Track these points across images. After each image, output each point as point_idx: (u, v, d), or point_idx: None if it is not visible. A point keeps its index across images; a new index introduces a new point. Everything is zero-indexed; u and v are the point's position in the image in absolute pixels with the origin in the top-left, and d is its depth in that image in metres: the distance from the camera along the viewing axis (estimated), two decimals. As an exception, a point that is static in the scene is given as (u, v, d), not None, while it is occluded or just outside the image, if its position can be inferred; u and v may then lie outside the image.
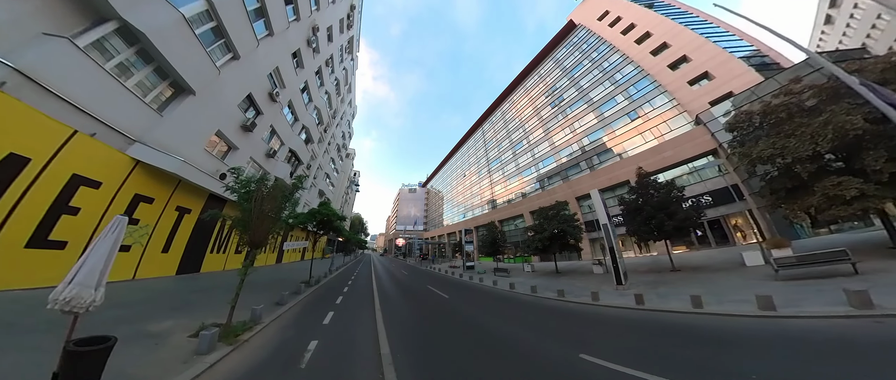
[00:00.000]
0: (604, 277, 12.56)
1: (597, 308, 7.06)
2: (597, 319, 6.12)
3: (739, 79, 16.71)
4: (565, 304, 7.88)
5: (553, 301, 8.46)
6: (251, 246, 5.41)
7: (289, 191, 6.04)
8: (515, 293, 10.60)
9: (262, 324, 5.53)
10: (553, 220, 16.93)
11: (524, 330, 5.50)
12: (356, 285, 11.78)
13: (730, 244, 16.56)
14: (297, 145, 17.61)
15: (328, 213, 10.90)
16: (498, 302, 8.84)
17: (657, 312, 6.06)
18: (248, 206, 5.39)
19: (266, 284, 10.30)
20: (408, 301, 8.90)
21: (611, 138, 24.78)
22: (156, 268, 8.64)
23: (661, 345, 4.21)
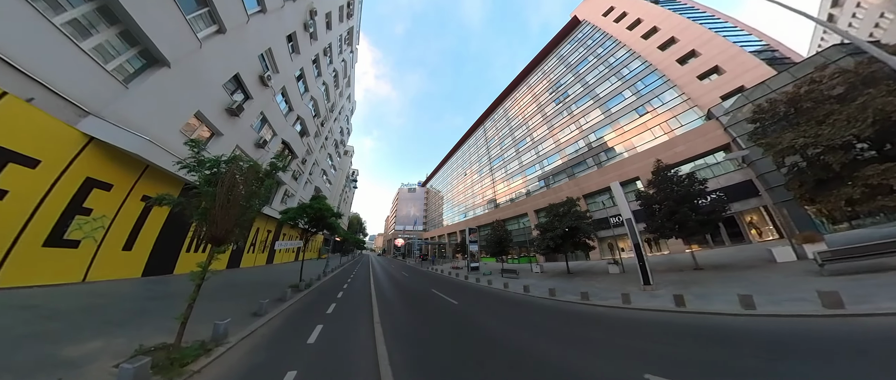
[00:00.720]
0: (622, 278, 11.59)
1: (632, 313, 6.23)
2: (638, 325, 5.25)
3: (751, 73, 16.17)
4: (594, 308, 6.99)
5: (578, 306, 7.49)
6: (212, 242, 4.10)
7: (263, 172, 4.70)
8: (533, 298, 9.43)
9: (227, 345, 4.20)
10: (565, 217, 15.77)
11: (563, 345, 4.40)
12: (353, 290, 10.44)
13: (745, 242, 15.80)
14: (290, 137, 16.26)
15: (320, 208, 9.55)
16: (517, 309, 7.64)
17: (702, 314, 5.35)
18: (211, 190, 4.09)
19: (248, 288, 8.91)
20: (411, 309, 7.58)
21: (619, 134, 23.86)
22: (115, 268, 7.22)
23: (736, 356, 3.45)
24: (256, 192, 4.49)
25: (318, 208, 9.51)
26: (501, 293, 10.67)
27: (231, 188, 4.24)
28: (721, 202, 10.80)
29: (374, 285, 11.60)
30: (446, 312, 7.19)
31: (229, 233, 4.16)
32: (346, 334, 5.10)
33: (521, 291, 10.59)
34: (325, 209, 9.74)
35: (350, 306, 7.57)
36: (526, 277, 15.32)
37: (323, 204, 9.68)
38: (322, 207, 9.59)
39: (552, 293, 9.29)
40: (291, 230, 19.33)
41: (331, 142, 26.35)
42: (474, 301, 8.92)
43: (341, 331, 5.23)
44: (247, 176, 4.51)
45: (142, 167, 7.60)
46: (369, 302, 8.03)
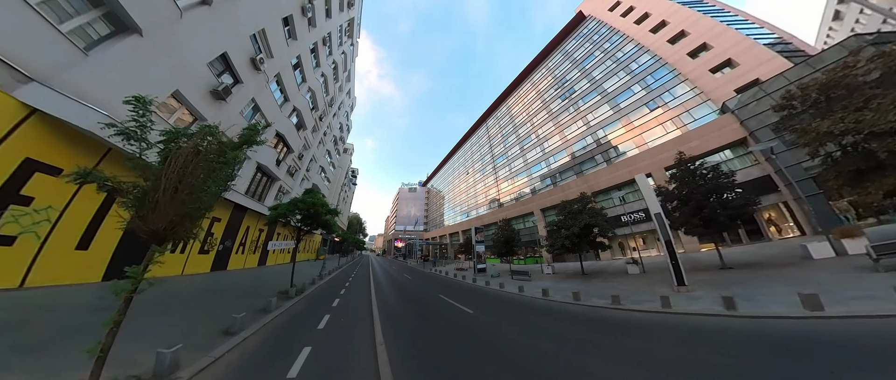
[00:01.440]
0: (646, 278, 10.69)
1: (677, 318, 5.49)
2: (694, 334, 4.56)
3: (766, 65, 15.57)
4: (631, 314, 6.16)
5: (612, 311, 6.61)
6: (149, 238, 2.88)
7: (231, 146, 3.46)
8: (557, 303, 8.26)
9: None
10: (580, 214, 14.63)
11: (625, 367, 3.37)
12: (351, 296, 9.13)
13: (765, 239, 14.97)
14: (285, 129, 15.05)
15: (314, 202, 8.30)
16: (544, 318, 6.47)
17: (760, 319, 4.69)
18: (156, 168, 2.87)
19: (230, 295, 7.65)
20: (421, 322, 6.30)
21: (629, 130, 22.92)
22: (65, 271, 5.96)
23: (847, 366, 2.74)
24: (218, 171, 3.22)
25: (311, 203, 8.26)
26: (519, 299, 9.49)
27: (186, 167, 3.02)
28: (751, 196, 10.03)
29: (374, 291, 10.32)
30: (463, 325, 5.94)
31: (176, 227, 2.92)
32: (341, 360, 3.88)
33: (540, 295, 9.49)
34: (320, 204, 8.50)
35: (347, 318, 6.30)
36: (539, 280, 14.13)
37: (317, 198, 8.43)
38: (316, 201, 8.33)
39: (577, 297, 8.22)
40: (286, 229, 18.07)
41: (330, 138, 25.15)
42: (492, 310, 7.71)
43: (335, 357, 3.99)
44: (208, 156, 3.29)
45: (102, 150, 6.36)
46: (370, 312, 6.78)
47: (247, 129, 4.00)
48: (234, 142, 3.82)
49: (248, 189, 13.05)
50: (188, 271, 9.48)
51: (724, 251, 14.39)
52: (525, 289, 10.80)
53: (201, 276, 9.64)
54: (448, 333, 5.30)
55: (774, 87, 12.93)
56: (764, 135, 13.93)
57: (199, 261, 10.03)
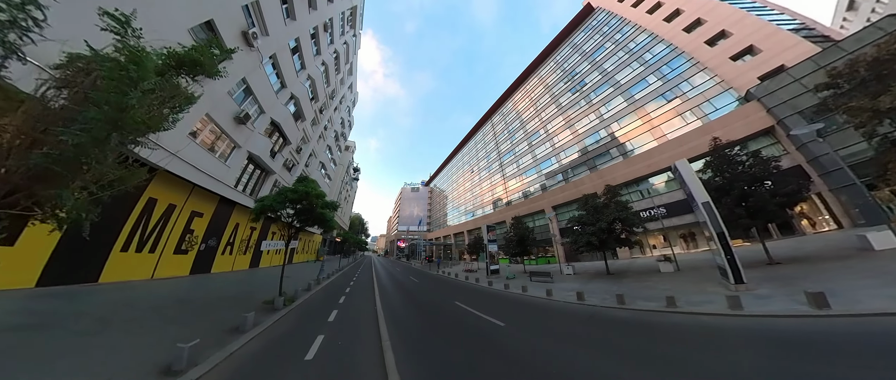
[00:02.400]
0: (685, 277, 9.56)
1: (758, 321, 4.60)
2: (789, 340, 3.68)
3: (791, 51, 14.27)
4: (697, 318, 5.16)
5: (671, 315, 5.52)
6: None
7: (152, 64, 1.92)
8: (599, 308, 6.83)
9: None
10: (606, 209, 13.05)
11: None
12: (351, 307, 7.35)
13: (798, 233, 13.71)
14: (282, 117, 13.57)
15: (306, 191, 6.73)
16: (595, 329, 5.09)
17: (866, 317, 3.86)
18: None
19: (198, 308, 6.04)
20: (444, 345, 4.68)
21: (645, 122, 21.41)
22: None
23: None
24: (122, 105, 1.68)
25: (303, 193, 6.68)
26: (550, 304, 7.89)
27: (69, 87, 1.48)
28: (802, 181, 9.00)
29: (379, 299, 8.60)
30: (501, 347, 4.38)
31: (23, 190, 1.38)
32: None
33: (573, 299, 7.99)
34: (315, 194, 6.92)
35: (347, 340, 4.65)
36: (561, 281, 12.51)
37: (311, 186, 6.85)
38: (310, 190, 6.76)
39: (621, 300, 6.79)
40: (278, 226, 16.37)
41: (330, 133, 23.70)
42: (526, 321, 6.16)
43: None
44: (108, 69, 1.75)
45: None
46: (376, 330, 5.19)
47: (195, 45, 2.43)
48: (161, 55, 2.27)
49: (239, 182, 11.53)
50: (161, 275, 7.91)
51: (757, 247, 13.01)
52: (553, 293, 9.22)
53: (176, 281, 8.07)
54: (485, 360, 3.77)
55: (803, 73, 12.13)
56: (794, 122, 12.75)
57: (175, 262, 8.45)
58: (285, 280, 7.43)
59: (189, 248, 8.92)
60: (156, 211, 7.55)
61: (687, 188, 8.25)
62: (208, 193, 9.14)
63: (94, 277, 6.30)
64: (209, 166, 8.99)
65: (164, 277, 7.94)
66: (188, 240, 8.89)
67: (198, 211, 9.17)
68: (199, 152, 8.65)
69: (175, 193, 8.13)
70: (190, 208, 8.76)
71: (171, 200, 8.06)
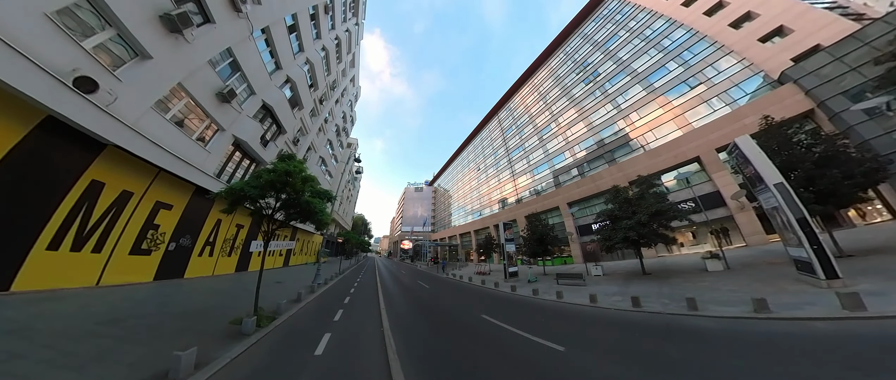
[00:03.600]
0: (740, 275, 8.31)
1: None
2: None
3: (826, 30, 13.17)
4: (810, 325, 3.96)
5: (775, 323, 4.33)
6: None
7: None
8: (667, 316, 5.35)
9: None
10: (641, 201, 11.19)
11: None
12: (349, 325, 5.38)
13: (846, 225, 12.17)
14: (275, 101, 11.88)
15: (289, 170, 4.80)
16: (696, 349, 3.71)
17: None
18: None
19: (147, 326, 4.25)
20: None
21: (667, 110, 19.63)
22: None
23: None
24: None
25: (282, 173, 4.81)
26: (606, 315, 6.08)
27: None
28: (880, 157, 7.99)
29: (386, 312, 6.54)
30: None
31: None
32: None
33: (628, 305, 6.36)
34: (300, 176, 5.08)
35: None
36: (595, 284, 10.55)
37: (295, 166, 4.98)
38: (292, 169, 4.88)
39: (693, 306, 5.38)
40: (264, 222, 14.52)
41: (331, 126, 22.04)
42: (588, 341, 4.44)
43: None
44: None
45: None
46: (386, 370, 3.32)
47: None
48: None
49: (223, 171, 9.80)
50: (112, 281, 6.11)
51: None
52: (599, 299, 7.35)
53: (132, 288, 6.28)
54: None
55: (845, 51, 11.32)
56: (838, 104, 11.53)
57: (133, 266, 6.66)
58: (274, 288, 5.65)
59: (153, 247, 7.12)
60: (103, 199, 5.78)
61: (751, 168, 7.05)
62: (180, 182, 7.36)
63: (5, 285, 4.52)
64: (182, 148, 7.27)
65: (115, 284, 6.14)
66: (152, 238, 7.09)
67: (165, 202, 7.38)
68: (168, 130, 6.94)
69: (132, 178, 6.36)
70: (153, 198, 6.98)
71: (127, 186, 6.29)
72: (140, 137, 5.97)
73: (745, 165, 7.41)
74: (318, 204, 5.41)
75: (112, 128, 5.41)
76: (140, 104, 6.14)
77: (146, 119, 6.31)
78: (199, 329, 4.21)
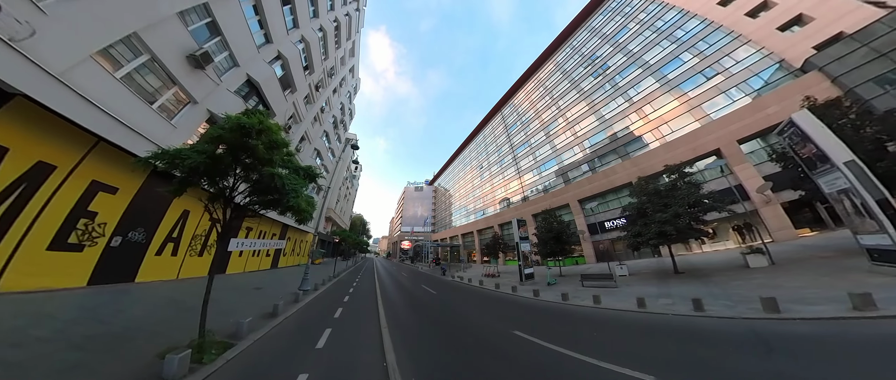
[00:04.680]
0: (794, 270, 7.39)
1: None
2: None
3: (849, 17, 12.61)
4: None
5: (888, 322, 3.38)
6: None
7: None
8: (744, 321, 4.20)
9: None
10: (674, 192, 9.87)
11: None
12: (342, 357, 3.60)
13: None
14: (263, 77, 10.26)
15: (242, 123, 3.11)
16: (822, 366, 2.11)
17: None
18: None
19: (17, 362, 2.58)
20: None
21: (683, 102, 18.60)
22: None
23: None
24: None
25: (237, 127, 3.11)
26: (669, 324, 4.66)
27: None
28: None
29: (389, 335, 4.56)
30: None
31: None
32: None
33: (690, 310, 5.19)
34: (266, 134, 3.41)
35: None
36: (627, 284, 9.03)
37: (257, 120, 3.24)
38: (252, 123, 3.14)
39: (772, 307, 4.36)
40: (259, 222, 12.68)
41: (328, 117, 20.41)
42: (682, 366, 2.96)
43: None
44: None
45: None
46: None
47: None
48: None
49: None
50: (16, 286, 4.39)
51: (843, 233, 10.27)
52: (647, 304, 5.92)
53: (43, 296, 4.55)
54: None
55: (872, 37, 11.01)
56: (868, 90, 10.96)
57: (52, 265, 4.92)
58: (249, 296, 4.19)
59: (87, 242, 5.40)
60: (3, 169, 4.13)
61: (811, 147, 6.33)
62: (119, 153, 5.60)
63: None
64: (136, 117, 5.63)
65: (20, 291, 4.42)
66: (86, 229, 5.37)
67: (106, 184, 5.66)
68: (116, 91, 5.32)
69: (55, 146, 4.68)
70: (87, 176, 5.27)
71: (45, 157, 4.63)
72: (69, 91, 4.35)
73: (803, 145, 6.64)
74: (292, 182, 3.75)
75: (23, 72, 3.81)
76: (74, 51, 4.55)
77: (83, 72, 4.70)
78: (94, 369, 2.58)
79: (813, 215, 13.39)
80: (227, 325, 4.31)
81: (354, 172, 48.89)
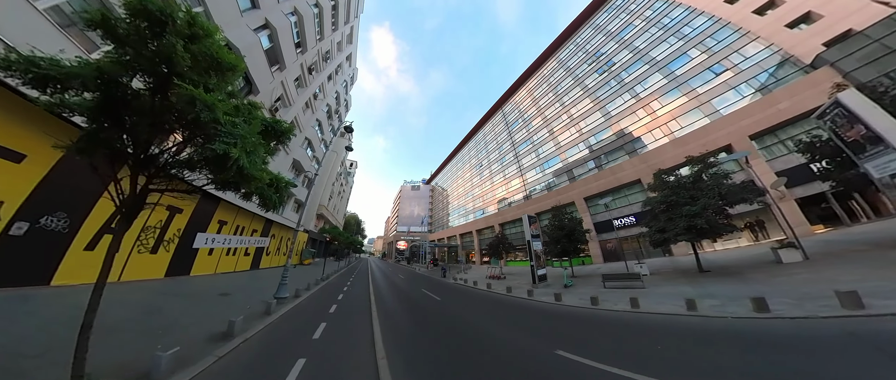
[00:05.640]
0: (835, 264, 6.97)
1: None
2: None
3: (858, 14, 12.67)
4: None
5: None
6: None
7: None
8: (832, 320, 3.22)
9: None
10: (699, 184, 9.08)
11: None
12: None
13: (891, 215, 10.79)
14: (245, 44, 8.72)
15: (152, 6, 1.66)
16: None
17: None
18: None
19: None
20: None
21: (692, 98, 18.22)
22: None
23: None
24: None
25: (146, 10, 1.67)
26: (733, 329, 3.62)
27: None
28: None
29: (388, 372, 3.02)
30: None
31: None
32: None
33: (750, 311, 4.26)
34: (188, 22, 1.99)
35: None
36: (654, 284, 8.00)
37: (207, 41, 1.94)
38: (167, 8, 1.71)
39: (856, 303, 3.64)
40: (236, 215, 10.78)
41: (322, 104, 18.86)
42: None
43: None
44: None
45: None
46: None
47: None
48: None
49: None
50: None
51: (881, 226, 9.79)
52: (697, 304, 4.86)
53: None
54: None
55: (883, 33, 11.11)
56: (850, 99, 11.35)
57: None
58: (211, 306, 3.86)
59: None
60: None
61: (860, 128, 5.92)
62: (41, 117, 4.13)
63: None
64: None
65: None
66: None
67: (2, 147, 4.16)
68: (34, 22, 3.87)
69: None
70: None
71: None
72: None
73: (849, 127, 6.26)
74: (229, 120, 2.23)
75: None
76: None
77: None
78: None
79: (826, 212, 13.01)
80: (144, 356, 2.81)
81: (350, 169, 47.00)
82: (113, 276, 5.96)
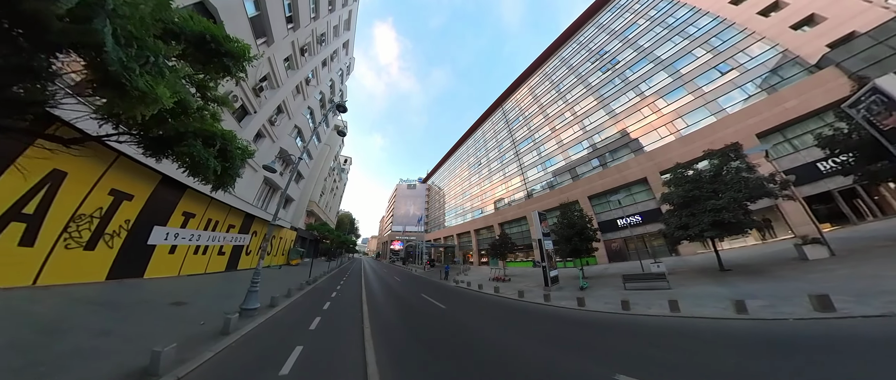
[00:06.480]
0: (866, 260, 6.53)
1: None
2: None
3: (862, 16, 12.82)
4: None
5: None
6: None
7: None
8: None
9: None
10: (722, 178, 8.56)
11: None
12: None
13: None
14: (224, 5, 7.53)
15: None
16: None
17: None
18: None
19: None
20: None
21: (698, 97, 18.01)
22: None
23: None
24: None
25: None
26: (804, 332, 3.33)
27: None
28: None
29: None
30: None
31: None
32: None
33: (806, 313, 3.90)
34: None
35: None
36: (681, 284, 7.28)
37: None
38: None
39: None
40: (208, 206, 8.99)
41: (315, 91, 17.51)
42: None
43: None
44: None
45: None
46: None
47: None
48: None
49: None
50: None
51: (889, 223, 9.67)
52: (748, 308, 4.04)
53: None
54: None
55: (888, 35, 11.26)
56: (889, 84, 11.46)
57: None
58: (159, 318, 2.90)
59: None
60: None
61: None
62: None
63: None
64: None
65: None
66: None
67: None
68: None
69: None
70: None
71: None
72: None
73: (888, 114, 6.04)
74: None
75: None
76: None
77: None
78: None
79: (833, 211, 12.90)
80: None
81: (344, 165, 45.24)
82: (24, 278, 4.42)
